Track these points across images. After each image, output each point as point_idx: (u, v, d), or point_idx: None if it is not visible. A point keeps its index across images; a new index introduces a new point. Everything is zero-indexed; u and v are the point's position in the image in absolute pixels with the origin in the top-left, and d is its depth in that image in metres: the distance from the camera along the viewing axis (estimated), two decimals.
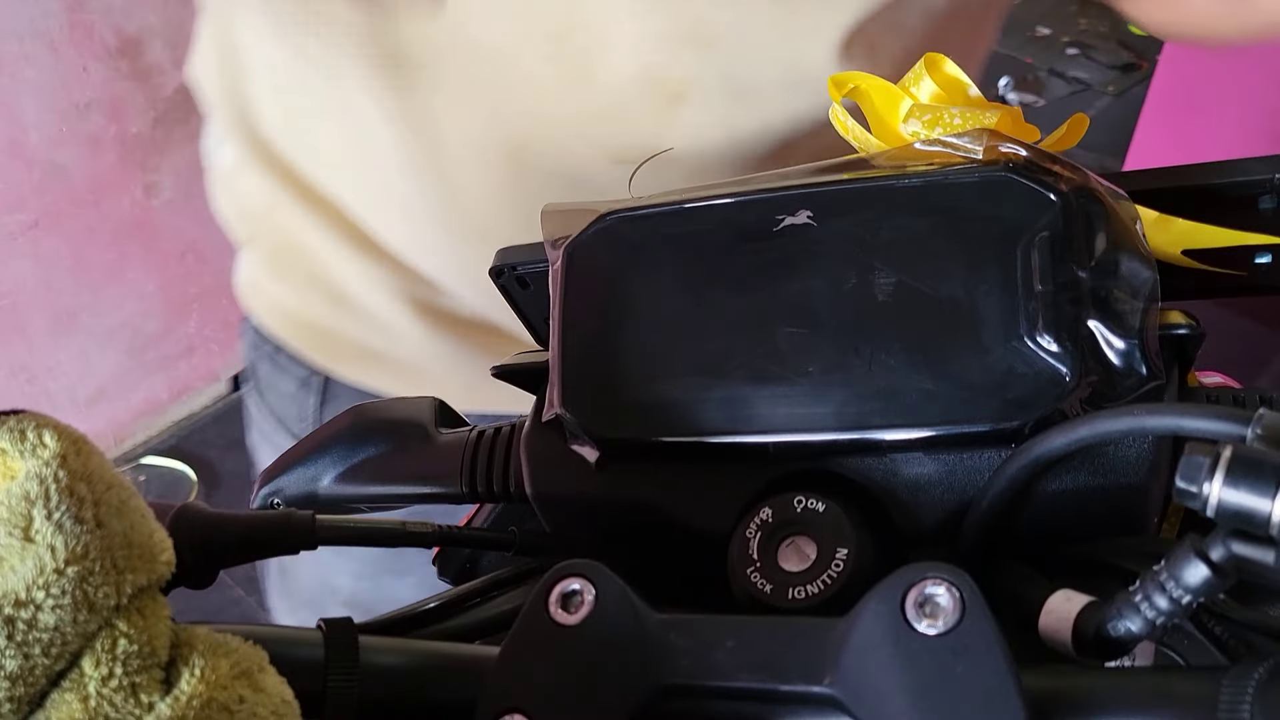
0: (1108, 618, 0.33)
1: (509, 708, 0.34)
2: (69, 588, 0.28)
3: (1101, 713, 0.30)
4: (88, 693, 0.28)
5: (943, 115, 0.41)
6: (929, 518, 0.41)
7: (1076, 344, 0.39)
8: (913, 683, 0.31)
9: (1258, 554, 0.29)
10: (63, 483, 0.30)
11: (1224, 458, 0.29)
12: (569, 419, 0.44)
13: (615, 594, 0.36)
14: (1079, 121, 0.45)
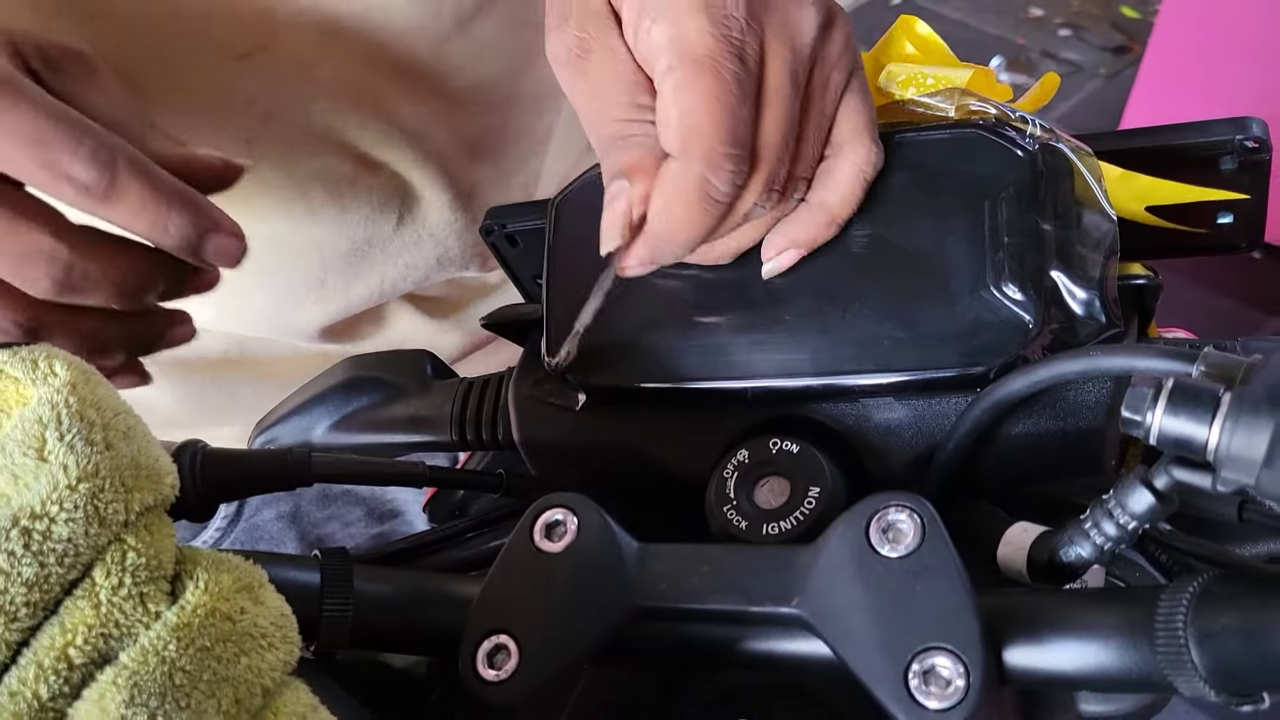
0: (1059, 545, 0.35)
1: (495, 628, 0.36)
2: (81, 503, 0.30)
3: (1049, 627, 0.32)
4: (99, 600, 0.30)
5: (916, 76, 0.43)
6: (898, 460, 0.43)
7: (1040, 293, 0.40)
8: (875, 601, 0.33)
9: (1197, 479, 0.31)
10: (73, 408, 0.31)
11: (1166, 388, 0.31)
12: (556, 367, 0.46)
13: (596, 523, 0.37)
14: (1050, 80, 0.47)
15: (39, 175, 0.40)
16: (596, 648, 0.36)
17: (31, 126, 0.39)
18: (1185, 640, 0.29)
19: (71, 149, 0.39)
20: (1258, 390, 0.29)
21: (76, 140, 0.40)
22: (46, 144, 0.39)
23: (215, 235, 0.42)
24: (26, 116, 0.39)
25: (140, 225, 0.41)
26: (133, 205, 0.41)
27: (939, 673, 0.32)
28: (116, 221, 0.41)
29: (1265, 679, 0.28)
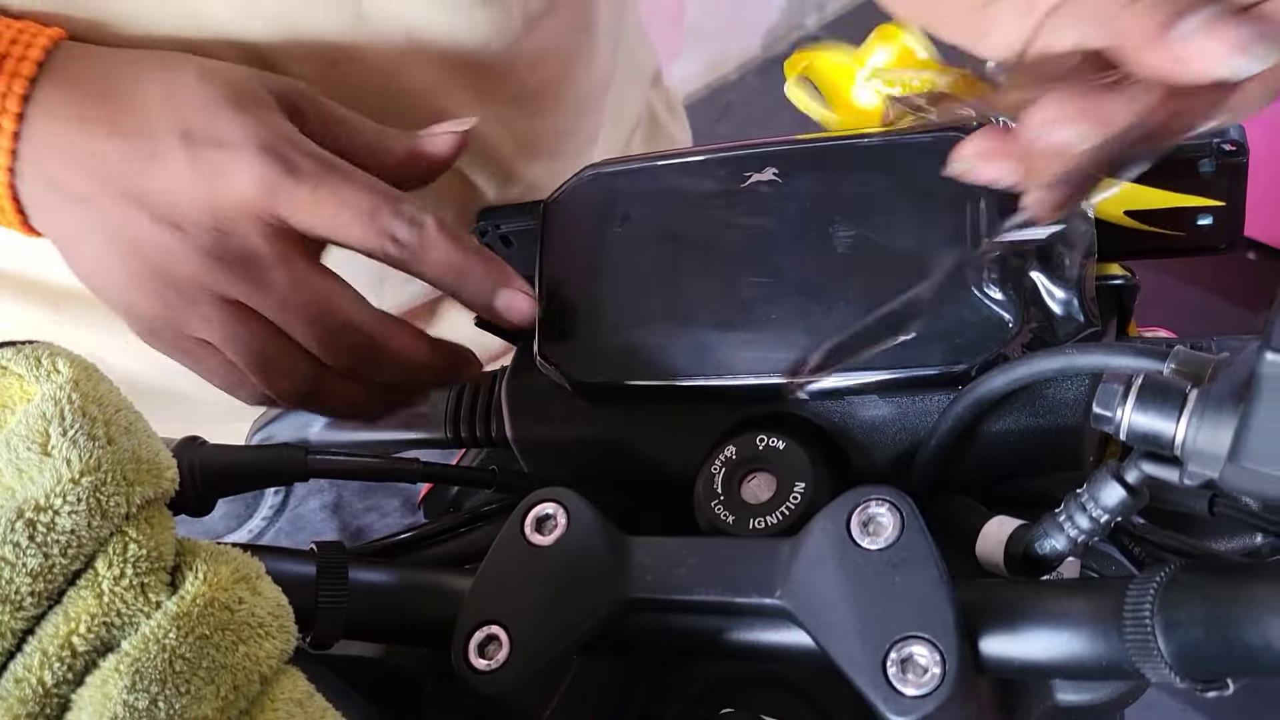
0: (1035, 537, 0.36)
1: (486, 619, 0.37)
2: (84, 496, 0.31)
3: (1023, 617, 0.33)
4: (101, 590, 0.31)
5: (900, 78, 0.44)
6: (883, 456, 0.44)
7: (1020, 293, 0.41)
8: (855, 592, 0.34)
9: (1165, 472, 0.32)
10: (76, 404, 0.32)
11: (1135, 384, 0.32)
12: (547, 364, 0.47)
13: (586, 517, 0.38)
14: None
15: (371, 240, 0.44)
16: (586, 638, 0.37)
17: (366, 199, 0.44)
18: (1152, 629, 0.30)
19: (393, 213, 0.44)
20: (1223, 387, 0.30)
21: (395, 205, 0.44)
22: (377, 212, 0.44)
23: (507, 290, 0.46)
24: (360, 191, 0.44)
25: (445, 277, 0.46)
26: (440, 260, 0.45)
27: (916, 661, 0.33)
28: (427, 275, 0.46)
29: (1228, 665, 0.29)
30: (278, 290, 0.44)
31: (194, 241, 0.43)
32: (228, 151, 0.43)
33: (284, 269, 0.44)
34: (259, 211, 0.43)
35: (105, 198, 0.44)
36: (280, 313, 0.45)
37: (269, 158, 0.43)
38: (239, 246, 0.43)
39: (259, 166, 0.43)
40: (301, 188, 0.43)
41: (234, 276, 0.44)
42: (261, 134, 0.43)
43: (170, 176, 0.43)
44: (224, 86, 0.44)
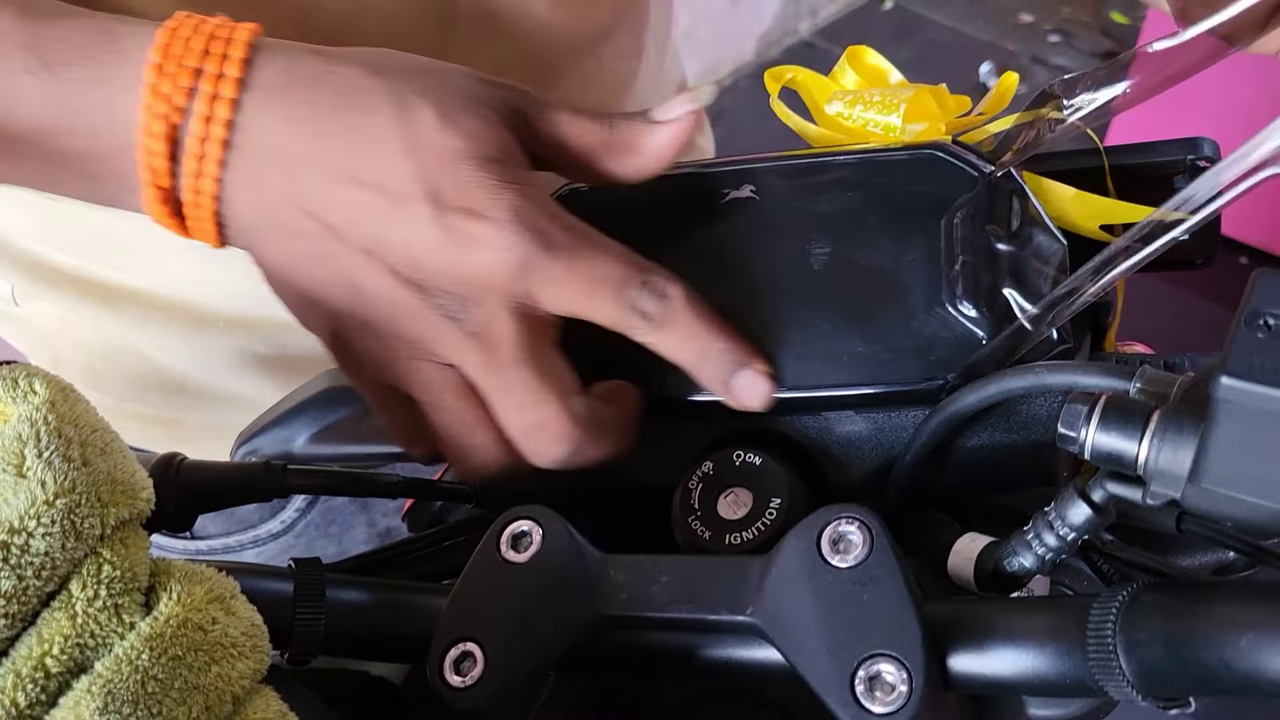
0: (1003, 555, 0.36)
1: (461, 636, 0.37)
2: (58, 518, 0.31)
3: (990, 634, 0.33)
4: (75, 611, 0.31)
5: (862, 96, 0.44)
6: (859, 471, 0.44)
7: (993, 310, 0.42)
8: (825, 610, 0.34)
9: (1129, 492, 0.32)
10: (51, 425, 0.33)
11: (1099, 405, 0.32)
12: None
13: (561, 535, 0.39)
14: (1008, 81, 0.48)
15: (616, 314, 0.42)
16: (560, 655, 0.37)
17: (616, 271, 0.41)
18: (1114, 647, 0.30)
19: (641, 285, 0.41)
20: (1184, 408, 0.31)
21: (644, 276, 0.42)
22: (626, 284, 0.41)
23: (746, 371, 0.43)
24: (611, 263, 0.41)
25: (685, 353, 0.43)
26: (682, 336, 0.42)
27: (884, 678, 0.33)
28: (664, 349, 0.43)
29: (1187, 684, 0.30)
30: (510, 371, 0.41)
31: (434, 304, 0.40)
32: (483, 224, 0.39)
33: (523, 350, 0.41)
34: (509, 288, 0.40)
35: (337, 244, 0.41)
36: (503, 394, 0.42)
37: (527, 234, 0.40)
38: (481, 319, 0.40)
39: (516, 244, 0.39)
40: (556, 264, 0.40)
41: (469, 348, 0.41)
42: (516, 204, 0.40)
43: (416, 237, 0.40)
44: (467, 138, 0.40)
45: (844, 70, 0.47)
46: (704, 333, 0.42)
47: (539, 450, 0.42)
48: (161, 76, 0.39)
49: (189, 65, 0.39)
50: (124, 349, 0.71)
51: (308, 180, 0.40)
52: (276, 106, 0.40)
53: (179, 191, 0.40)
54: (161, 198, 0.40)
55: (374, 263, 0.40)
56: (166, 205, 0.41)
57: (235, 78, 0.39)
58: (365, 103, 0.40)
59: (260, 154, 0.40)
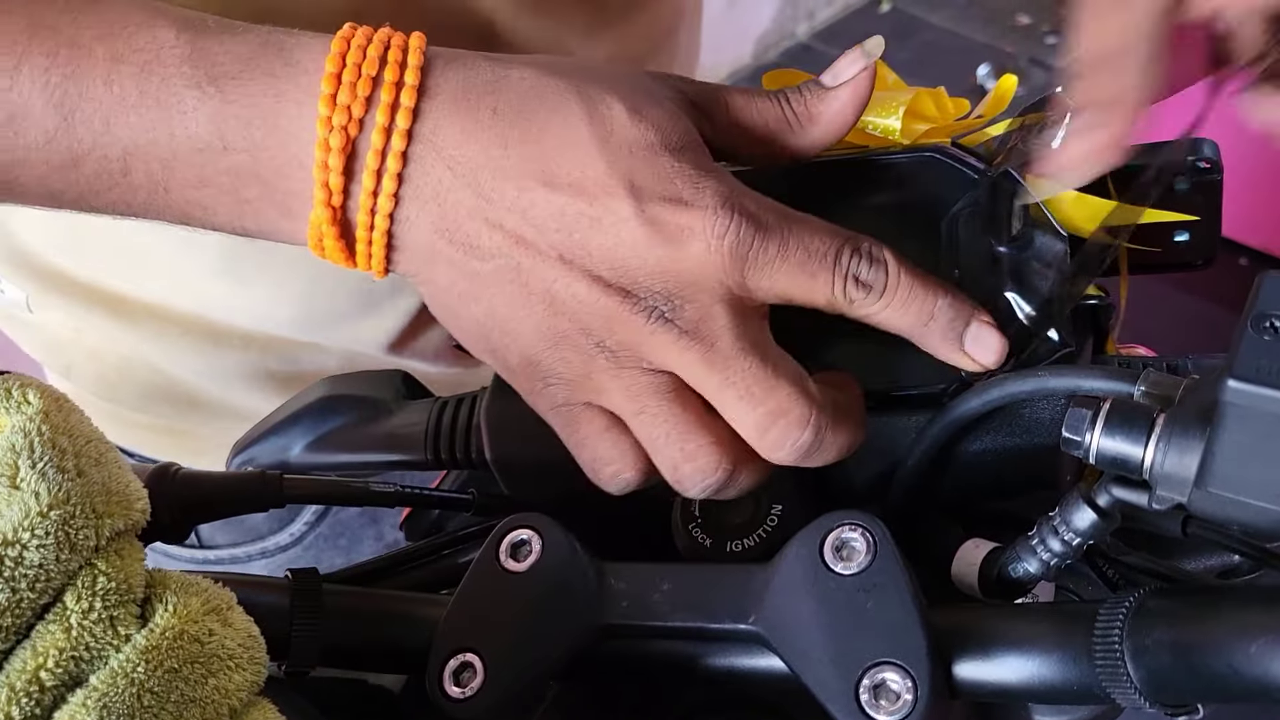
0: (1008, 561, 0.36)
1: (461, 647, 0.37)
2: (52, 529, 0.31)
3: (996, 642, 0.33)
4: (70, 624, 0.30)
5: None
6: (860, 477, 0.44)
7: (995, 314, 0.41)
8: (828, 618, 0.34)
9: (1134, 496, 0.32)
10: (46, 436, 0.32)
11: (1104, 409, 0.32)
12: None
13: (561, 543, 0.38)
14: (1007, 84, 0.48)
15: (835, 289, 0.39)
16: (560, 665, 0.37)
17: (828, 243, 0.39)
18: (1121, 654, 0.30)
19: (854, 251, 0.39)
20: (1190, 412, 0.30)
21: (855, 243, 0.39)
22: (840, 254, 0.39)
23: (976, 324, 0.40)
24: (821, 235, 0.39)
25: (910, 317, 0.40)
26: (904, 299, 0.40)
27: (889, 687, 0.33)
28: (886, 318, 0.40)
29: (1195, 691, 0.29)
30: (735, 363, 0.38)
31: (642, 306, 0.37)
32: (691, 213, 0.37)
33: (744, 339, 0.38)
34: (723, 278, 0.37)
35: (528, 256, 0.38)
36: (731, 388, 0.38)
37: (737, 217, 0.37)
38: (694, 316, 0.38)
39: (729, 229, 0.37)
40: (770, 246, 0.38)
41: (685, 346, 0.38)
42: (721, 189, 0.38)
43: (620, 236, 0.37)
44: (659, 130, 0.38)
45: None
46: (925, 292, 0.40)
47: (780, 440, 0.38)
48: (340, 86, 0.37)
49: (368, 74, 0.37)
50: (137, 361, 0.70)
51: (495, 189, 0.37)
52: (457, 115, 0.38)
53: (351, 211, 0.38)
54: (332, 218, 0.38)
55: (572, 271, 0.38)
56: (336, 227, 0.38)
57: (414, 85, 0.37)
58: (551, 103, 0.38)
59: (442, 166, 0.37)
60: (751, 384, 0.38)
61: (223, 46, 0.38)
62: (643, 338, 0.38)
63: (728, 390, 0.38)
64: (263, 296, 0.67)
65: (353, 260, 0.40)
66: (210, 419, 0.73)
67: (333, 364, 0.70)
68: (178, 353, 0.70)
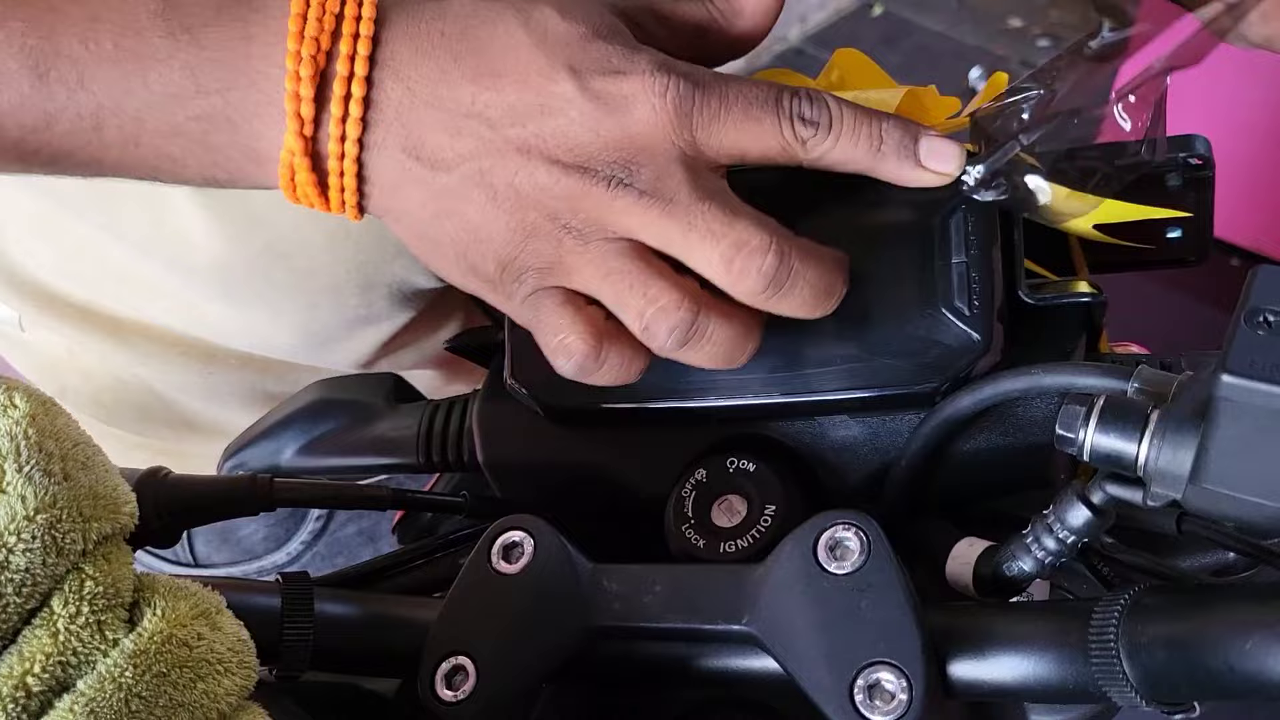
0: (1002, 560, 0.36)
1: (453, 650, 0.37)
2: (39, 533, 0.30)
3: (991, 641, 0.33)
4: (57, 629, 0.30)
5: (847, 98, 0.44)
6: (854, 477, 0.44)
7: (988, 311, 0.41)
8: (822, 618, 0.34)
9: (1129, 494, 0.32)
10: (32, 439, 0.32)
11: (1097, 406, 0.31)
12: (518, 388, 0.46)
13: (553, 545, 0.38)
14: (998, 81, 0.48)
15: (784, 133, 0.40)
16: (553, 667, 0.37)
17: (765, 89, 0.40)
18: (1117, 652, 0.30)
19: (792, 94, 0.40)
20: (1184, 408, 0.30)
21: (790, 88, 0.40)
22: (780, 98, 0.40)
23: (926, 137, 0.41)
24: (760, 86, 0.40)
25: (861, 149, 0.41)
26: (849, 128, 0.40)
27: (883, 687, 0.32)
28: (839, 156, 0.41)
29: (1192, 688, 0.29)
30: (694, 209, 0.39)
31: (601, 178, 0.39)
32: (630, 79, 0.39)
33: (700, 189, 0.39)
34: (672, 136, 0.39)
35: (489, 155, 0.39)
36: (692, 230, 0.39)
37: (675, 77, 0.39)
38: (650, 177, 0.39)
39: (668, 88, 0.39)
40: (711, 99, 0.39)
41: (645, 206, 0.39)
42: (655, 57, 0.40)
43: (570, 115, 0.39)
44: (588, 23, 0.40)
45: (832, 71, 0.46)
46: (869, 118, 0.41)
47: (745, 267, 0.39)
48: (306, 22, 0.39)
49: (331, 10, 0.39)
50: (132, 382, 0.70)
51: (450, 99, 0.39)
52: (410, 39, 0.40)
53: (321, 142, 0.40)
54: (304, 149, 0.39)
55: (531, 159, 0.39)
56: (308, 159, 0.40)
57: (370, 17, 0.39)
58: (489, 19, 0.40)
59: (401, 87, 0.40)
60: (711, 222, 0.39)
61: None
62: (605, 207, 0.39)
63: (690, 234, 0.39)
64: (260, 319, 0.67)
65: (325, 197, 0.41)
66: (206, 440, 0.72)
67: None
68: (174, 373, 0.70)
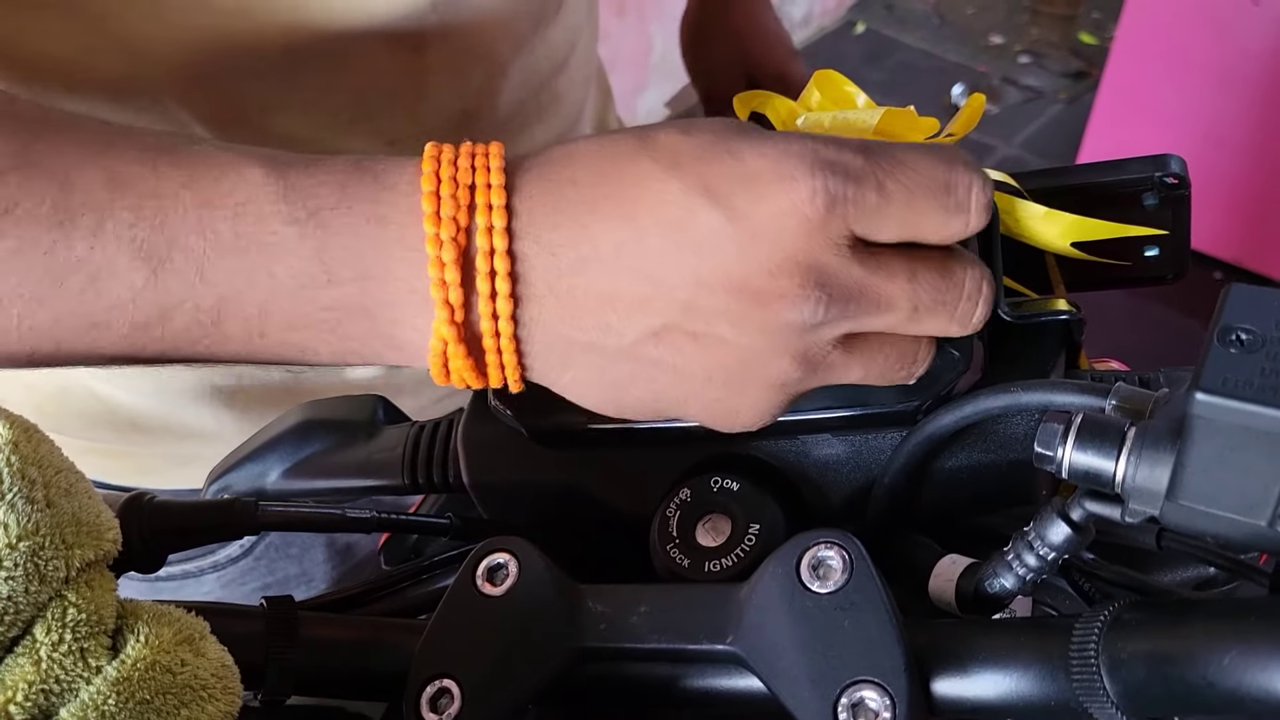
0: (984, 577, 0.36)
1: (438, 673, 0.37)
2: (21, 561, 0.30)
3: (973, 658, 0.33)
4: (39, 656, 0.30)
5: (831, 119, 0.44)
6: (837, 495, 0.44)
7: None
8: (805, 637, 0.34)
9: (1108, 510, 0.32)
10: (15, 466, 0.32)
11: (1075, 424, 0.32)
12: (502, 410, 0.47)
13: (537, 566, 0.38)
14: (975, 102, 0.48)
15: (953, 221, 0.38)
16: (538, 689, 0.37)
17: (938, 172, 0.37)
18: (1097, 668, 0.30)
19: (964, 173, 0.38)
20: (1160, 425, 0.31)
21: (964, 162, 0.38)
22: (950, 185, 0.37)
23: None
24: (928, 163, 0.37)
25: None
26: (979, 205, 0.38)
27: (867, 705, 0.33)
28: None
29: (1171, 703, 0.29)
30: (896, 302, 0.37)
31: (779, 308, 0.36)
32: (771, 187, 0.35)
33: (888, 279, 0.37)
34: (834, 239, 0.36)
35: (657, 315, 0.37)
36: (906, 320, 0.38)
37: (819, 172, 0.35)
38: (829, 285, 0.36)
39: (814, 191, 0.35)
40: (866, 193, 0.36)
41: (841, 312, 0.36)
42: (788, 147, 0.36)
43: (724, 253, 0.36)
44: (709, 129, 0.37)
45: (811, 94, 0.47)
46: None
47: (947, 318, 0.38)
48: (440, 201, 0.36)
49: (464, 183, 0.37)
50: (75, 389, 0.69)
51: (595, 258, 0.36)
52: (544, 197, 0.37)
53: (474, 324, 0.37)
54: (458, 335, 0.37)
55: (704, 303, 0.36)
56: (463, 345, 0.37)
57: (500, 184, 0.37)
58: (615, 152, 0.37)
59: (545, 254, 0.37)
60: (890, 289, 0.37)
61: (314, 179, 0.37)
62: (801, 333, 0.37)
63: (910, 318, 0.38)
64: None
65: (483, 376, 0.38)
66: (154, 440, 0.72)
67: (276, 377, 0.70)
68: (119, 374, 0.68)
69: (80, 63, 0.51)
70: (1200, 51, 2.09)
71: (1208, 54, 2.09)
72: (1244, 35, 2.03)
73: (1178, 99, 2.16)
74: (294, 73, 0.55)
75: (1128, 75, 2.22)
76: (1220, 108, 2.11)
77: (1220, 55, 2.07)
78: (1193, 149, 0.54)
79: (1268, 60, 2.03)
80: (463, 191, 0.36)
